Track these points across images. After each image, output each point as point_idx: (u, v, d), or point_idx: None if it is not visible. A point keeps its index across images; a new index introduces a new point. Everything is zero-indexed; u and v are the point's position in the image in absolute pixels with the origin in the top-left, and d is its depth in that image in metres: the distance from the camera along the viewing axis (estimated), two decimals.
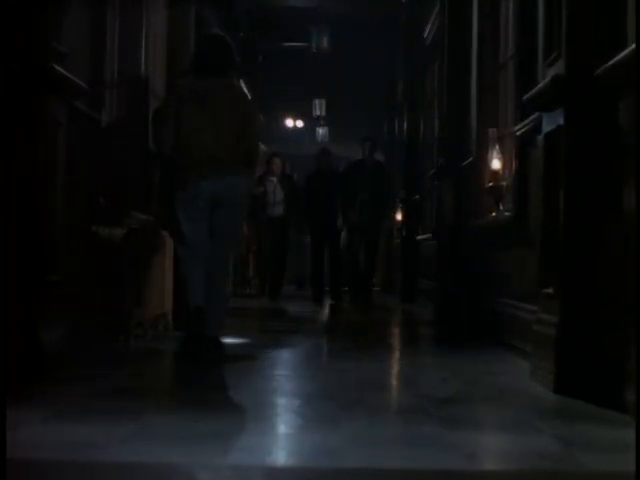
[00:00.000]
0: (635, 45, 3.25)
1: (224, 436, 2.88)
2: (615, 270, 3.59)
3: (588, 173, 3.84)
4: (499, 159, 6.22)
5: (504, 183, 6.13)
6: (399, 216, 12.28)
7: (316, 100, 19.90)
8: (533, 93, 4.35)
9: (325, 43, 19.30)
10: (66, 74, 4.15)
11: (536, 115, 4.60)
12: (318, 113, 20.06)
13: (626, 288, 3.39)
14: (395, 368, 5.24)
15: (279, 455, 2.75)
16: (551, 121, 4.13)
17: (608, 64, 3.58)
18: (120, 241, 5.73)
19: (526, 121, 5.01)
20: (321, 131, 19.97)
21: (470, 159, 7.28)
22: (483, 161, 6.70)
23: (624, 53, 3.40)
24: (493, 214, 6.33)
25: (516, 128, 5.41)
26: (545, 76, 4.24)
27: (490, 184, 6.24)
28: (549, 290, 4.08)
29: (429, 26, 10.95)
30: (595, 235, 3.81)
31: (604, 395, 3.54)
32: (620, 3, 3.74)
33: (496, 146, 6.31)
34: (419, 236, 11.31)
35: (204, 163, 5.09)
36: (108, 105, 6.02)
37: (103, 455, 2.57)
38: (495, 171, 6.20)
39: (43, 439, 2.75)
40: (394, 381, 4.72)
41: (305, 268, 13.03)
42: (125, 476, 2.46)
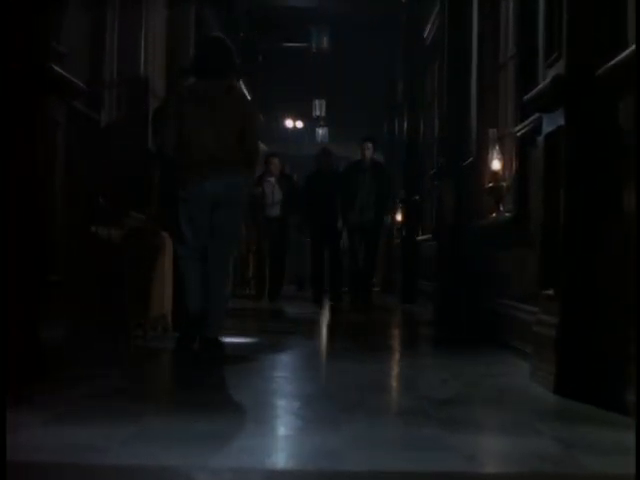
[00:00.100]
0: (635, 46, 3.25)
1: (224, 438, 2.88)
2: (615, 270, 3.58)
3: (588, 173, 3.84)
4: (499, 159, 6.21)
5: (504, 183, 6.12)
6: (399, 216, 12.28)
7: (316, 100, 19.90)
8: (533, 94, 4.34)
9: (325, 43, 19.31)
10: (65, 74, 4.14)
11: (536, 116, 4.59)
12: (318, 113, 20.06)
13: (626, 288, 3.39)
14: (395, 369, 5.23)
15: (279, 457, 2.74)
16: (551, 122, 4.12)
17: (609, 64, 3.57)
18: (120, 241, 5.73)
19: (526, 121, 5.01)
20: (321, 131, 19.97)
21: (470, 159, 7.27)
22: (483, 161, 6.69)
23: (625, 53, 3.40)
24: (493, 214, 6.32)
25: (516, 128, 5.40)
26: (545, 76, 4.24)
27: (490, 184, 6.23)
28: (549, 291, 4.07)
29: (429, 26, 10.95)
30: (595, 235, 3.81)
31: (605, 396, 3.54)
32: (620, 3, 3.73)
33: (496, 146, 6.30)
34: (419, 236, 11.31)
35: (204, 163, 5.10)
36: (107, 105, 6.01)
37: (103, 458, 2.56)
38: (495, 171, 6.20)
39: (43, 442, 2.74)
40: (394, 382, 4.71)
41: (306, 269, 13.01)
42: (125, 479, 2.45)
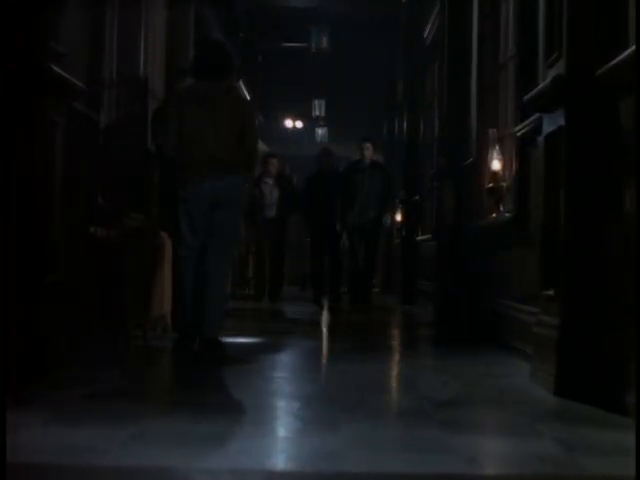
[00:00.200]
0: (635, 46, 3.24)
1: (223, 439, 2.87)
2: (615, 270, 3.57)
3: (588, 173, 3.83)
4: (499, 160, 6.20)
5: (504, 184, 6.11)
6: (399, 216, 12.26)
7: (315, 100, 19.92)
8: (533, 94, 4.33)
9: (325, 43, 19.33)
10: (64, 74, 4.13)
11: (536, 116, 4.58)
12: (317, 113, 20.07)
13: (626, 288, 3.38)
14: (395, 370, 5.22)
15: (278, 459, 2.73)
16: (552, 122, 4.11)
17: (609, 65, 3.56)
18: (119, 242, 5.72)
19: (526, 122, 5.00)
20: (320, 131, 19.98)
21: (470, 159, 7.26)
22: (483, 162, 6.68)
23: (625, 54, 3.39)
24: (493, 215, 6.31)
25: (516, 129, 5.39)
26: (546, 77, 4.23)
27: (490, 185, 6.22)
28: (549, 292, 4.06)
29: (429, 26, 10.94)
30: (595, 235, 3.80)
31: (605, 397, 3.53)
32: (620, 3, 3.72)
33: (496, 147, 6.29)
34: (419, 236, 11.29)
35: (204, 163, 5.11)
36: (106, 105, 6.01)
37: (102, 459, 2.56)
38: (495, 172, 6.19)
39: (43, 443, 2.74)
40: (394, 383, 4.70)
41: (307, 269, 12.98)
42: None
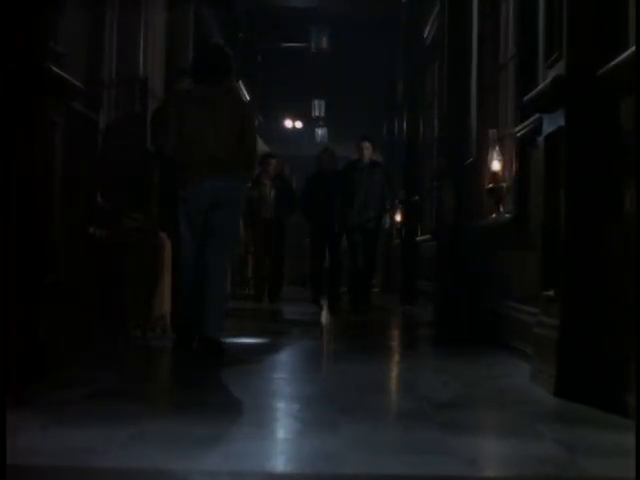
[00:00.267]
0: (635, 46, 3.23)
1: (223, 441, 2.86)
2: (615, 270, 3.56)
3: (589, 174, 3.82)
4: (499, 160, 6.20)
5: (504, 184, 6.10)
6: (399, 217, 12.25)
7: (315, 101, 19.92)
8: (534, 94, 4.32)
9: (324, 43, 19.33)
10: (63, 75, 4.12)
11: (536, 116, 4.58)
12: (317, 114, 20.07)
13: (626, 288, 3.37)
14: (395, 371, 5.21)
15: (278, 460, 2.72)
16: (552, 122, 4.10)
17: (609, 65, 3.55)
18: (119, 242, 5.71)
19: (526, 122, 4.99)
20: (320, 132, 19.98)
21: (470, 160, 7.26)
22: (483, 162, 6.67)
23: (625, 54, 3.38)
24: (493, 215, 6.31)
25: (516, 129, 5.38)
26: (546, 77, 4.22)
27: (490, 185, 6.22)
28: (549, 292, 4.05)
29: (429, 26, 10.93)
30: (595, 236, 3.79)
31: (605, 398, 3.52)
32: (620, 3, 3.71)
33: (496, 147, 6.28)
34: (419, 237, 11.28)
35: (204, 163, 5.12)
36: (106, 105, 6.00)
37: (102, 461, 2.55)
38: (495, 172, 6.18)
39: (42, 444, 2.73)
40: (394, 384, 4.70)
41: (307, 269, 12.96)
42: None
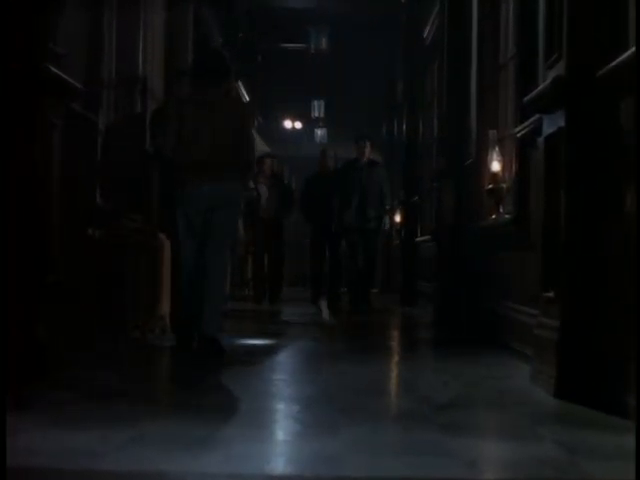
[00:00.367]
0: (636, 47, 3.22)
1: (222, 443, 2.85)
2: (615, 270, 3.55)
3: (589, 174, 3.81)
4: (499, 161, 6.18)
5: (504, 185, 6.09)
6: (398, 217, 12.24)
7: (315, 101, 19.91)
8: (533, 95, 4.31)
9: (324, 44, 19.32)
10: (62, 75, 4.12)
11: (536, 117, 4.56)
12: (317, 114, 20.06)
13: (626, 288, 3.36)
14: (395, 371, 5.20)
15: (278, 462, 2.71)
16: (552, 123, 4.09)
17: (609, 65, 3.54)
18: (118, 242, 5.70)
19: (526, 123, 4.98)
20: (320, 132, 19.96)
21: (470, 160, 7.24)
22: (483, 162, 6.66)
23: (625, 55, 3.37)
24: (493, 216, 6.29)
25: (516, 130, 5.37)
26: (546, 77, 4.21)
27: (490, 186, 6.21)
28: (550, 294, 4.04)
29: (429, 26, 10.92)
30: (595, 236, 3.78)
31: (605, 399, 3.51)
32: (620, 4, 3.70)
33: (496, 148, 6.27)
34: (419, 237, 11.26)
35: (203, 164, 5.13)
36: (105, 106, 5.99)
37: (102, 462, 2.54)
38: (495, 173, 6.17)
39: (42, 446, 2.72)
40: (394, 385, 4.69)
41: (307, 269, 12.93)
42: None
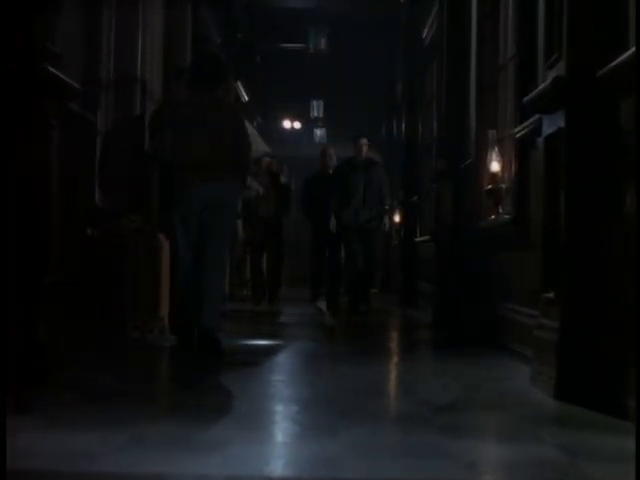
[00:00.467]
0: (636, 47, 3.21)
1: (221, 444, 2.83)
2: (615, 270, 3.54)
3: (588, 174, 3.80)
4: (498, 161, 6.17)
5: (503, 185, 6.08)
6: (398, 217, 12.23)
7: (314, 101, 19.90)
8: (533, 95, 4.30)
9: (323, 44, 19.31)
10: (60, 75, 4.11)
11: (536, 117, 4.56)
12: (316, 114, 20.05)
13: (626, 288, 3.35)
14: (394, 372, 5.19)
15: (276, 464, 2.69)
16: (552, 123, 4.08)
17: (610, 65, 3.53)
18: (118, 243, 5.69)
19: (526, 123, 4.97)
20: (319, 132, 19.96)
21: (469, 160, 7.23)
22: (482, 163, 6.65)
23: (625, 55, 3.36)
24: (492, 216, 6.28)
25: (516, 130, 5.36)
26: (545, 78, 4.20)
27: (489, 186, 6.20)
28: (549, 295, 4.03)
29: (428, 26, 10.91)
30: (595, 236, 3.77)
31: (605, 401, 3.50)
32: (621, 4, 3.69)
33: (495, 148, 6.26)
34: (418, 238, 11.25)
35: (201, 165, 5.15)
36: (104, 106, 5.99)
37: (101, 464, 2.53)
38: (494, 173, 6.16)
39: (41, 447, 2.71)
40: (393, 387, 4.67)
41: (307, 269, 12.91)
42: None
